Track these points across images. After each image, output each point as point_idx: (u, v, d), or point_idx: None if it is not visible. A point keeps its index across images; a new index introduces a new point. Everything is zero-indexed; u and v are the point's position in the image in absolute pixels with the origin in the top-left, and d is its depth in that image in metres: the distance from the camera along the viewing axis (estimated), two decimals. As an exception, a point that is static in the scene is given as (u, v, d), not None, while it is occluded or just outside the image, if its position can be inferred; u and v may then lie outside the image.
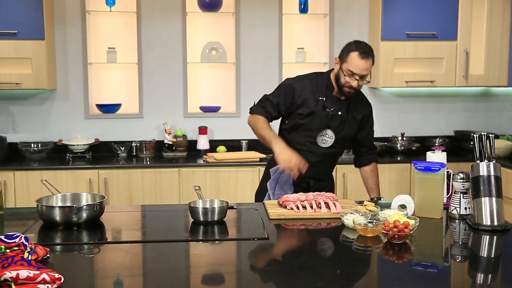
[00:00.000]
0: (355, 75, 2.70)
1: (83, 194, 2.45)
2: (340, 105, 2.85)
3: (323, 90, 2.84)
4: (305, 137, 2.85)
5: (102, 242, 2.10)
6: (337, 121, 2.84)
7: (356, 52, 2.69)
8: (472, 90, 5.01)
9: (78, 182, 4.12)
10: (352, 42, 2.76)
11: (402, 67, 4.60)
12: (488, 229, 2.16)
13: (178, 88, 4.73)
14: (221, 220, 2.32)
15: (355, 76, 2.71)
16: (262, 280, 1.70)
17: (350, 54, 2.70)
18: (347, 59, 2.71)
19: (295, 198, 2.47)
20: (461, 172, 2.36)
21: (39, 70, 4.25)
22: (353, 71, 2.70)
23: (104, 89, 4.75)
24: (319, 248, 2.08)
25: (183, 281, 1.71)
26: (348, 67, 2.70)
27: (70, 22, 4.56)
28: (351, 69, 2.69)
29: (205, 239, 2.15)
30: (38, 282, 1.52)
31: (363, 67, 2.69)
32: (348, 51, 2.72)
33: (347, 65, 2.71)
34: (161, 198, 4.18)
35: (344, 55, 2.75)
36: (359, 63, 2.68)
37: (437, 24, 4.54)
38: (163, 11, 4.65)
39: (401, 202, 2.40)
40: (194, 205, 2.35)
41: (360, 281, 1.72)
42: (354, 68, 2.69)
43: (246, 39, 4.75)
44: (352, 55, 2.69)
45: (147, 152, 4.57)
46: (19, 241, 1.71)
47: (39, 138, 4.62)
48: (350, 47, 2.73)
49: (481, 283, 1.73)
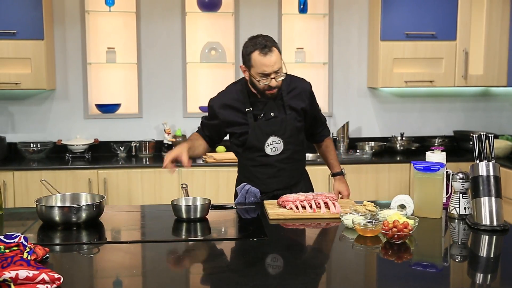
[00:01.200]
0: (269, 75, 2.48)
1: (82, 194, 2.45)
2: (271, 106, 2.63)
3: (246, 99, 2.63)
4: (254, 153, 2.66)
5: (102, 242, 2.10)
6: (276, 123, 2.63)
7: (256, 51, 2.47)
8: (472, 90, 5.02)
9: (77, 182, 4.12)
10: (247, 42, 2.55)
11: (402, 67, 4.60)
12: (487, 229, 2.16)
13: (177, 88, 4.73)
14: (204, 217, 2.35)
15: (270, 76, 2.48)
16: (262, 280, 1.70)
17: (251, 56, 2.48)
18: (251, 62, 2.49)
19: (295, 198, 2.47)
20: (460, 172, 2.36)
21: (39, 70, 4.25)
22: (263, 72, 2.47)
23: (103, 89, 4.75)
24: (318, 248, 2.08)
25: (182, 281, 1.71)
26: (257, 70, 2.48)
27: (70, 22, 4.56)
28: (260, 71, 2.47)
29: (205, 239, 2.15)
30: (38, 282, 1.52)
31: (270, 63, 2.45)
32: (248, 53, 2.50)
33: (255, 68, 2.48)
34: (160, 198, 4.17)
35: (246, 60, 2.52)
36: (265, 61, 2.45)
37: (437, 24, 4.54)
38: (163, 11, 4.65)
39: (400, 202, 2.40)
40: (177, 202, 2.37)
41: (359, 281, 1.72)
42: (264, 68, 2.46)
43: (245, 39, 4.67)
44: (254, 56, 2.47)
45: (146, 152, 4.57)
46: (19, 241, 1.71)
47: (39, 138, 4.62)
48: (248, 49, 2.51)
49: (480, 283, 1.73)
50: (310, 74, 4.84)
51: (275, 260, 1.94)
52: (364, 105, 4.94)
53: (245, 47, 2.53)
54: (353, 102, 4.92)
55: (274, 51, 2.48)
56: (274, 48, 2.49)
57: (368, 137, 4.94)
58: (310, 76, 4.83)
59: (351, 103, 4.91)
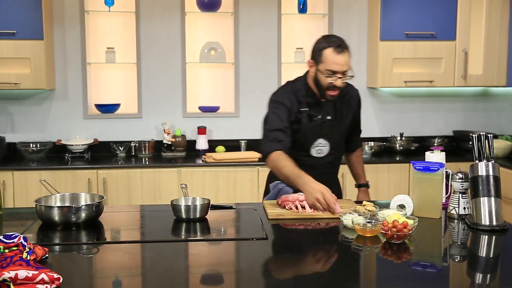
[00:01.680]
0: (336, 74, 2.50)
1: (82, 194, 2.45)
2: (327, 109, 2.67)
3: (303, 99, 2.63)
4: (299, 152, 2.65)
5: (101, 242, 2.09)
6: (327, 126, 2.67)
7: (330, 48, 2.48)
8: (471, 90, 5.02)
9: (77, 182, 4.12)
10: (320, 39, 2.55)
11: (401, 67, 4.60)
12: (486, 229, 2.17)
13: (177, 88, 4.73)
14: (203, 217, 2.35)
15: (337, 75, 2.51)
16: (261, 280, 1.70)
17: (323, 52, 2.50)
18: (322, 58, 2.50)
19: (294, 198, 2.47)
20: (460, 172, 2.36)
21: (38, 70, 4.24)
22: (332, 69, 2.49)
23: (103, 89, 4.75)
24: (317, 248, 2.08)
25: (182, 281, 1.71)
26: (326, 66, 2.49)
27: (69, 22, 4.56)
28: (330, 67, 2.49)
29: (204, 239, 2.15)
30: (37, 282, 1.52)
31: (342, 62, 2.48)
32: (320, 49, 2.51)
33: (325, 65, 2.50)
34: (160, 198, 4.17)
35: (317, 55, 2.53)
36: (336, 59, 2.48)
37: (436, 24, 4.54)
38: (162, 11, 4.65)
39: (400, 202, 2.40)
40: (177, 202, 2.37)
41: (359, 281, 1.72)
42: (334, 65, 2.48)
43: (245, 39, 4.75)
44: (326, 52, 2.49)
45: (146, 152, 4.57)
46: (18, 241, 1.71)
47: (38, 138, 4.62)
48: (321, 45, 2.52)
49: (480, 283, 1.73)
50: (309, 74, 4.84)
51: (274, 260, 1.94)
52: (364, 105, 4.85)
53: (318, 43, 2.54)
54: (352, 102, 4.91)
55: (346, 52, 2.51)
56: (347, 50, 2.51)
57: (368, 137, 4.93)
58: (309, 76, 4.86)
59: (350, 103, 4.91)
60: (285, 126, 2.58)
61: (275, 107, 2.63)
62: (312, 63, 2.57)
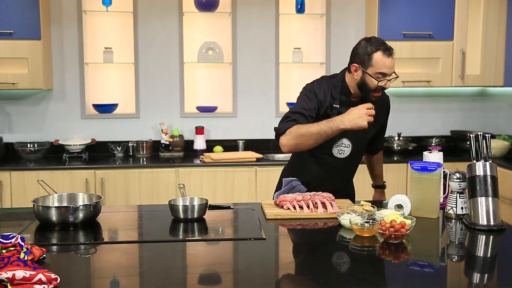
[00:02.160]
0: (386, 76, 2.48)
1: (79, 194, 2.45)
2: None
3: (337, 96, 2.60)
4: (320, 150, 2.61)
5: (99, 242, 2.09)
6: None
7: (379, 52, 2.46)
8: (469, 90, 5.02)
9: (74, 182, 4.11)
10: (365, 43, 2.52)
11: (399, 67, 4.55)
12: (484, 229, 2.17)
13: (174, 88, 4.73)
14: (201, 217, 2.35)
15: (387, 77, 2.49)
16: (259, 280, 1.70)
17: (373, 56, 2.46)
18: (372, 62, 2.47)
19: (292, 198, 2.47)
20: (457, 172, 2.36)
21: (36, 70, 4.24)
22: (384, 72, 2.47)
23: (100, 89, 4.74)
24: (315, 248, 2.08)
25: (179, 281, 1.71)
26: (377, 70, 2.46)
27: (67, 22, 4.56)
28: (382, 71, 2.46)
29: (202, 239, 2.15)
30: (34, 283, 1.51)
31: (391, 65, 2.48)
32: (369, 53, 2.47)
33: (375, 68, 2.47)
34: (157, 198, 4.17)
35: (365, 59, 2.49)
36: (387, 63, 2.46)
37: (434, 24, 4.54)
38: (160, 11, 4.65)
39: (397, 202, 2.40)
40: (174, 202, 2.37)
41: (356, 281, 1.72)
42: (384, 69, 2.46)
43: (242, 39, 4.75)
44: (376, 56, 2.46)
45: (143, 152, 4.57)
46: (15, 241, 1.71)
47: (36, 138, 4.61)
48: (369, 49, 2.48)
49: (477, 282, 1.74)
50: (307, 74, 4.84)
51: (272, 260, 1.94)
52: (362, 105, 4.93)
53: (364, 47, 2.49)
54: (350, 102, 4.91)
55: (393, 54, 2.50)
56: (393, 52, 2.51)
57: (366, 137, 4.95)
58: (307, 76, 4.85)
59: (348, 103, 4.91)
60: (309, 115, 2.53)
61: (306, 94, 2.60)
62: (357, 67, 2.52)
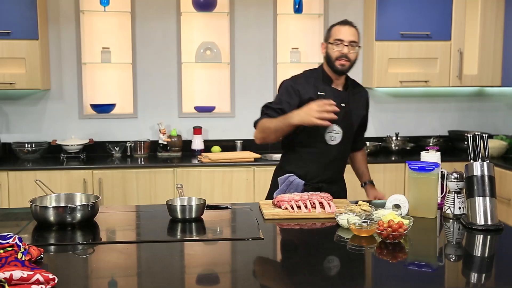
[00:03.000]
0: (343, 42, 2.70)
1: (77, 194, 2.44)
2: (342, 96, 2.78)
3: (320, 85, 2.77)
4: (314, 138, 2.74)
5: (97, 243, 2.09)
6: (341, 113, 2.73)
7: (337, 25, 2.76)
8: (466, 90, 5.03)
9: (72, 182, 4.11)
10: None
11: (397, 67, 4.61)
12: (481, 229, 2.17)
13: (172, 88, 4.73)
14: (199, 217, 2.35)
15: (344, 43, 2.70)
16: (257, 280, 1.70)
17: (332, 29, 2.76)
18: (331, 33, 2.76)
19: (290, 198, 2.47)
20: (455, 172, 2.37)
21: (33, 70, 4.23)
22: (340, 38, 2.70)
23: (98, 89, 4.74)
24: (313, 248, 2.08)
25: (177, 281, 1.71)
26: (334, 37, 2.72)
27: (64, 22, 4.55)
28: (338, 37, 2.70)
29: (200, 239, 2.15)
30: (32, 283, 1.51)
31: (348, 32, 2.71)
32: (329, 29, 2.79)
33: (332, 37, 2.73)
34: (155, 198, 4.17)
35: (326, 35, 2.80)
36: (343, 29, 2.71)
37: (431, 24, 4.55)
38: (158, 11, 4.65)
39: (395, 202, 2.40)
40: (172, 203, 2.37)
41: (354, 281, 1.72)
42: (340, 35, 2.70)
43: (240, 39, 4.75)
44: (333, 28, 2.76)
45: (141, 152, 4.56)
46: (13, 241, 1.71)
47: (33, 138, 4.61)
48: (329, 27, 2.81)
49: (475, 282, 1.74)
50: (305, 74, 4.85)
51: (270, 260, 1.94)
52: (359, 105, 4.94)
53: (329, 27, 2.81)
54: (348, 102, 4.92)
55: (353, 27, 2.74)
56: (354, 27, 2.75)
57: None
58: (305, 76, 4.86)
59: (346, 103, 4.92)
60: (279, 108, 2.70)
61: (281, 89, 2.80)
62: (324, 44, 2.79)
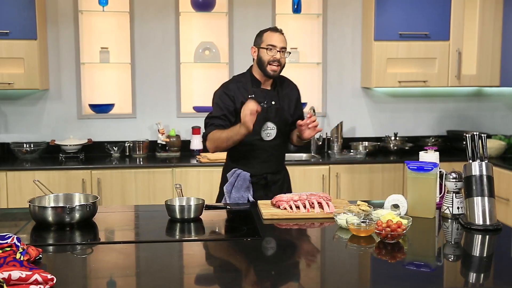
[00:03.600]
0: (275, 48, 2.84)
1: (75, 194, 2.44)
2: (271, 96, 2.95)
3: (249, 87, 2.94)
4: (252, 136, 2.85)
5: (95, 243, 2.09)
6: (273, 111, 2.92)
7: (267, 31, 2.89)
8: (465, 90, 5.03)
9: (71, 182, 4.10)
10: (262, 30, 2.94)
11: (395, 67, 4.61)
12: (480, 229, 2.17)
13: (171, 88, 4.73)
14: (197, 217, 2.35)
15: (276, 49, 2.84)
16: (256, 280, 1.70)
17: (263, 35, 2.89)
18: (262, 38, 2.88)
19: (288, 198, 2.47)
20: (453, 172, 2.37)
21: (32, 70, 4.23)
22: (273, 44, 2.83)
23: (97, 89, 4.73)
24: (312, 248, 2.08)
25: (176, 281, 1.71)
26: (266, 43, 2.85)
27: (63, 22, 4.55)
28: (270, 43, 2.84)
29: (199, 239, 2.15)
30: (31, 283, 1.51)
31: (279, 39, 2.85)
32: (260, 35, 2.91)
33: (264, 42, 2.86)
34: (154, 198, 4.17)
35: (257, 40, 2.92)
36: (274, 36, 2.86)
37: (430, 24, 4.55)
38: (156, 11, 4.64)
39: (394, 201, 2.41)
40: (171, 203, 2.37)
41: (353, 281, 1.72)
42: (273, 41, 2.84)
43: (239, 39, 4.75)
44: (265, 34, 2.88)
45: (140, 152, 4.56)
46: (11, 241, 1.71)
47: (32, 138, 4.60)
48: (259, 33, 2.93)
49: (474, 282, 1.74)
50: (304, 74, 4.84)
51: (268, 260, 1.94)
52: (358, 105, 4.95)
53: (257, 33, 2.94)
54: (347, 102, 4.92)
55: (282, 35, 2.90)
56: (283, 33, 2.90)
57: (362, 137, 4.95)
58: (304, 76, 4.86)
59: (345, 103, 4.92)
60: (223, 114, 2.87)
61: (217, 98, 2.94)
62: (254, 49, 2.93)
